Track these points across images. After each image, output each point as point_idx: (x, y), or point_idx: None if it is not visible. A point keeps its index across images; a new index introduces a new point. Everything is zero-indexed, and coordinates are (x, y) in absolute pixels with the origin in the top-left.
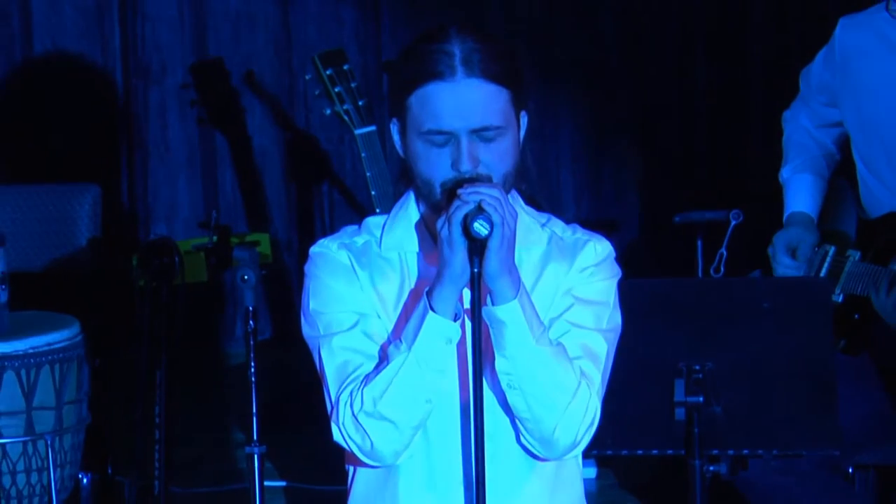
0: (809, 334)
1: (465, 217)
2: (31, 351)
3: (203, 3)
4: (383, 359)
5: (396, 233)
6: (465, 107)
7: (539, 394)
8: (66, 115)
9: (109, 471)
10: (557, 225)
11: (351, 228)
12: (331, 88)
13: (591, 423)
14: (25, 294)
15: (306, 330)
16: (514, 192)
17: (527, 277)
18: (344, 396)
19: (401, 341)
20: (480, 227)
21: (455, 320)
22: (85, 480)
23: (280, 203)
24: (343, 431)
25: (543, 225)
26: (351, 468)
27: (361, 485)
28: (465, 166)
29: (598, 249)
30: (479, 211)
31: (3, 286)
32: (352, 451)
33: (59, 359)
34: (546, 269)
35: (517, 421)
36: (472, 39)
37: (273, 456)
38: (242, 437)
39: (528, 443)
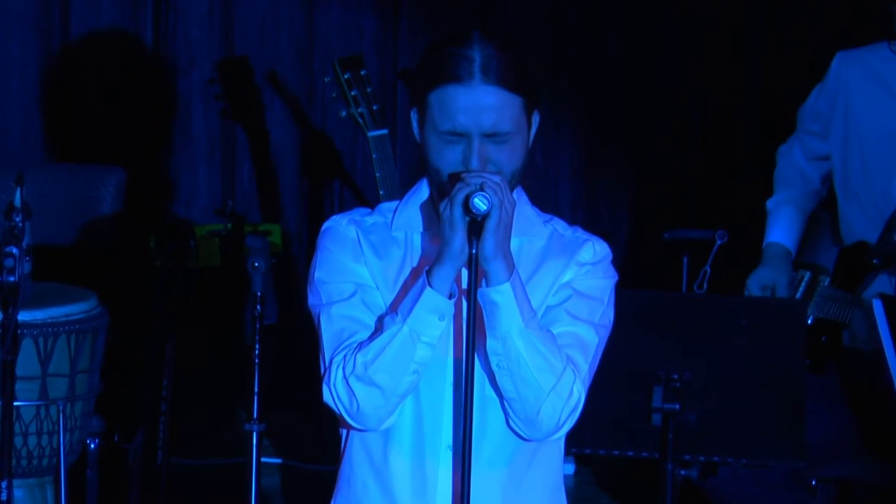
0: (782, 352)
1: (467, 197)
2: (49, 320)
3: (232, 3)
4: (378, 328)
5: (406, 214)
6: (480, 111)
7: (525, 375)
8: (98, 101)
9: (116, 438)
10: (559, 223)
11: (364, 210)
12: (348, 92)
13: (575, 408)
14: (48, 267)
15: (310, 298)
16: (519, 189)
17: (525, 268)
18: (337, 359)
19: (397, 314)
20: (480, 203)
21: (450, 299)
22: (92, 446)
23: (293, 197)
24: (333, 392)
25: (546, 222)
26: (344, 432)
27: (355, 447)
28: (475, 164)
29: (597, 249)
30: (480, 190)
31: (28, 258)
32: (339, 412)
33: (75, 330)
34: (545, 263)
35: (504, 402)
36: (492, 46)
37: (271, 434)
38: (243, 414)
39: (515, 423)
